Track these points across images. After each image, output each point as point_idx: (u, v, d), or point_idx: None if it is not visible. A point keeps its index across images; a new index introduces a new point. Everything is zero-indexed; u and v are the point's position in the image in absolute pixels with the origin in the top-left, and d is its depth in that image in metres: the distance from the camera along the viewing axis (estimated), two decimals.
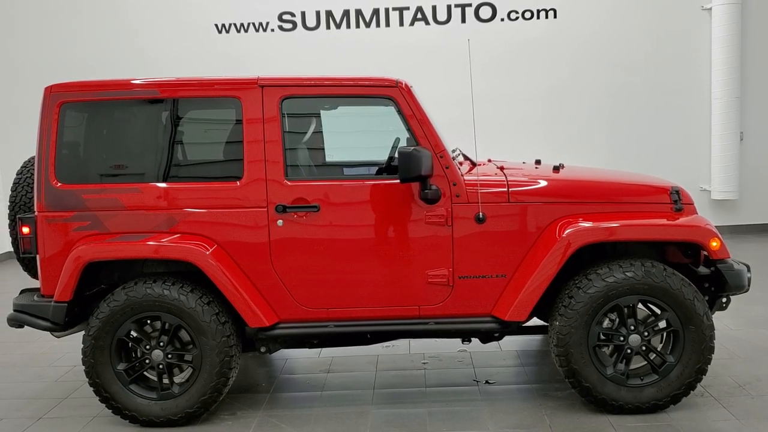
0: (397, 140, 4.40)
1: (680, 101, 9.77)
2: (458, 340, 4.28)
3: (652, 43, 9.70)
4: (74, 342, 4.69)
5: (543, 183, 4.03)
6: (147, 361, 3.94)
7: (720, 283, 3.98)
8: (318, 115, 4.22)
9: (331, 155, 4.47)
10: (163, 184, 3.91)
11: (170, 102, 3.96)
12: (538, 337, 5.29)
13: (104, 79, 4.01)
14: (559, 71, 9.76)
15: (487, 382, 4.51)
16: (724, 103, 9.49)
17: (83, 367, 3.92)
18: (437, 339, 5.06)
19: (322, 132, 4.26)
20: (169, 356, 3.91)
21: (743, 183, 9.67)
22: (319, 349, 5.08)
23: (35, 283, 4.30)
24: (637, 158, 9.49)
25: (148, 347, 3.92)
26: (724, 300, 4.09)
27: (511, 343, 5.18)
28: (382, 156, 4.38)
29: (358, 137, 5.11)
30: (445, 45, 9.62)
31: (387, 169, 4.14)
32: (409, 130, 3.91)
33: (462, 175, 3.94)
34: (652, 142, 9.76)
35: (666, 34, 9.70)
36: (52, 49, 9.94)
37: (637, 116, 9.79)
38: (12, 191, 4.29)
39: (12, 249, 4.34)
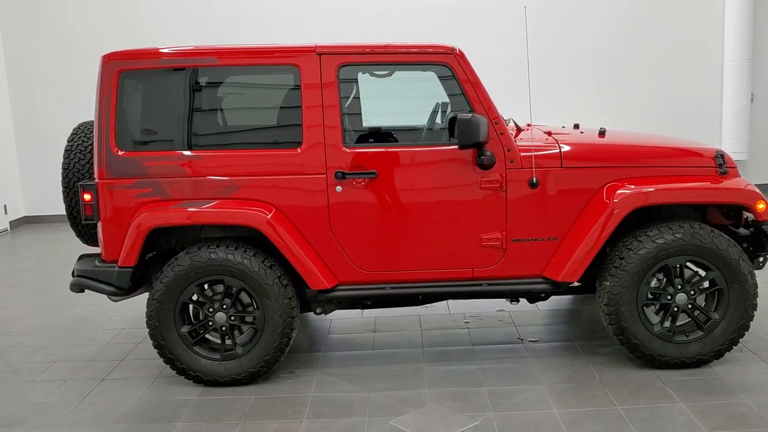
0: (437, 105, 4.49)
1: (693, 63, 9.85)
2: (495, 301, 4.40)
3: (666, 5, 9.72)
4: (116, 306, 4.80)
5: (594, 148, 4.13)
6: (210, 323, 4.06)
7: (760, 244, 4.14)
8: (373, 83, 4.28)
9: (384, 121, 4.55)
10: (223, 151, 3.98)
11: (229, 69, 4.00)
12: (567, 298, 5.46)
13: (161, 47, 4.04)
14: (576, 35, 9.78)
15: (531, 340, 4.68)
16: (736, 64, 9.58)
17: (133, 330, 4.00)
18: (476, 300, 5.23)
19: (376, 98, 4.33)
20: (232, 318, 4.04)
21: (753, 143, 9.84)
22: (361, 310, 5.21)
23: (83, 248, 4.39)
24: (649, 118, 9.58)
25: (211, 310, 4.05)
26: (761, 260, 4.25)
27: (543, 303, 5.33)
28: (424, 121, 4.47)
29: (404, 103, 5.18)
30: (482, 6, 9.59)
31: (439, 134, 4.22)
32: (464, 96, 3.96)
33: (515, 141, 4.04)
34: (663, 102, 9.86)
35: None
36: (72, 17, 9.83)
37: (650, 77, 9.87)
38: (64, 158, 4.32)
39: (62, 214, 4.39)
